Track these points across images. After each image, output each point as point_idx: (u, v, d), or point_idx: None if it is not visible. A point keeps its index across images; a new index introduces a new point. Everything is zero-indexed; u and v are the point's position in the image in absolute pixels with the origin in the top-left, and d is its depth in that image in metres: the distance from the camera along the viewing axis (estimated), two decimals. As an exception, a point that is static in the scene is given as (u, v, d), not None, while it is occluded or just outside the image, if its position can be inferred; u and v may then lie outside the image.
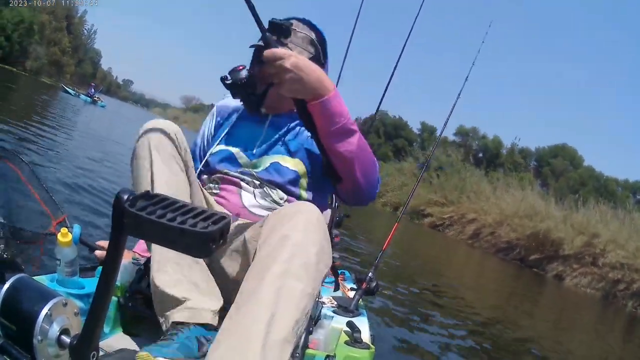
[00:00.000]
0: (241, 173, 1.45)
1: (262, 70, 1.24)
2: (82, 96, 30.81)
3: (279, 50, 1.13)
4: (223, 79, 1.25)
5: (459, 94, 3.41)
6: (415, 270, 7.39)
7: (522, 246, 18.93)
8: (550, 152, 36.64)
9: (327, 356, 1.34)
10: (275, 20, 1.32)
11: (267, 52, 1.13)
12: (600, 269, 15.59)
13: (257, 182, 1.43)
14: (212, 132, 1.62)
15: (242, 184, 1.43)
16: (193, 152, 1.61)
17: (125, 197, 0.63)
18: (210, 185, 1.48)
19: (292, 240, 0.99)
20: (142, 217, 0.62)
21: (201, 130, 1.66)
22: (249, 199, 1.42)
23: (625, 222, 17.14)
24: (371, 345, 1.51)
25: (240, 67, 1.25)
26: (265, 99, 1.29)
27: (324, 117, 1.20)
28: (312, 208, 1.08)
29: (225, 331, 0.90)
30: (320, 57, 1.48)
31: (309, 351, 1.32)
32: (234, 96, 1.28)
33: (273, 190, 1.43)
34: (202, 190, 1.37)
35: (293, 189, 1.45)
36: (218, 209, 1.39)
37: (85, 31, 63.69)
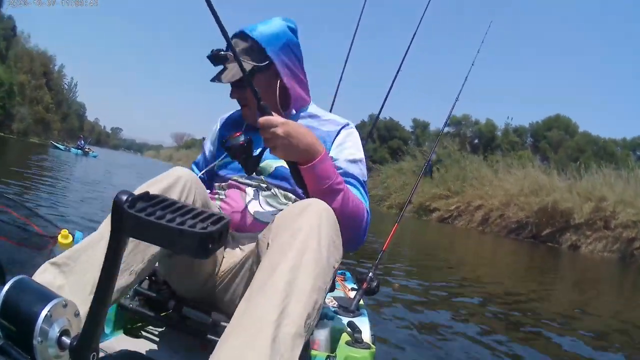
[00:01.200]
0: (247, 178, 1.49)
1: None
2: (73, 149, 31.02)
3: (273, 119, 1.19)
4: (223, 143, 1.33)
5: (458, 96, 3.44)
6: (422, 266, 7.33)
7: (533, 223, 18.87)
8: (544, 125, 36.54)
9: (328, 356, 1.36)
10: (210, 54, 1.43)
11: (262, 120, 1.19)
12: (613, 231, 15.54)
13: (264, 186, 1.47)
14: (216, 144, 1.66)
15: (247, 189, 1.47)
16: (198, 164, 1.68)
17: (125, 198, 0.64)
18: (219, 191, 1.52)
19: (303, 235, 1.01)
20: (141, 218, 0.62)
21: (206, 141, 1.72)
22: (253, 203, 1.45)
23: (629, 180, 17.11)
24: (372, 345, 1.51)
25: (238, 134, 1.31)
26: (260, 160, 1.36)
27: (313, 178, 1.26)
28: (322, 203, 1.11)
29: (235, 324, 0.90)
30: (261, 56, 1.50)
31: (309, 351, 1.35)
32: (233, 158, 1.34)
33: (280, 192, 1.46)
34: None
35: (300, 192, 1.45)
36: None
37: (65, 85, 64.14)
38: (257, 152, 1.37)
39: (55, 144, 32.94)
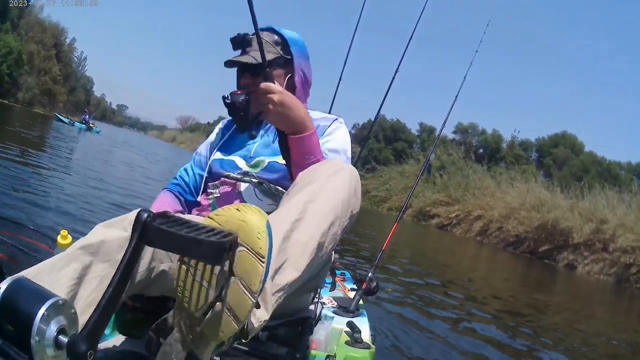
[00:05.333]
0: (240, 174, 1.50)
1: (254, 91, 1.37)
2: (77, 123, 30.71)
3: (273, 86, 1.27)
4: (224, 98, 1.40)
5: (457, 96, 3.43)
6: (420, 269, 7.35)
7: (531, 238, 18.89)
8: (550, 141, 36.55)
9: (328, 356, 1.35)
10: (234, 36, 1.51)
11: (263, 85, 1.27)
12: (611, 255, 15.51)
13: (256, 181, 1.48)
14: (216, 142, 1.69)
15: (241, 185, 1.48)
16: (199, 162, 1.68)
17: (146, 215, 0.73)
18: (212, 190, 1.53)
19: (324, 178, 1.11)
20: (163, 229, 0.71)
21: (208, 140, 1.74)
22: (248, 199, 1.45)
23: (631, 205, 17.07)
24: (371, 345, 1.53)
25: (239, 92, 1.40)
26: (255, 121, 1.47)
27: (298, 152, 1.33)
28: (339, 160, 1.22)
29: None
30: (285, 55, 1.60)
31: (309, 351, 1.32)
32: (230, 114, 1.42)
33: (272, 186, 1.47)
34: None
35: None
36: None
37: (75, 58, 63.27)
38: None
39: (59, 116, 32.54)
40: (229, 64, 1.56)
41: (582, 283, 13.49)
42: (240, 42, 1.52)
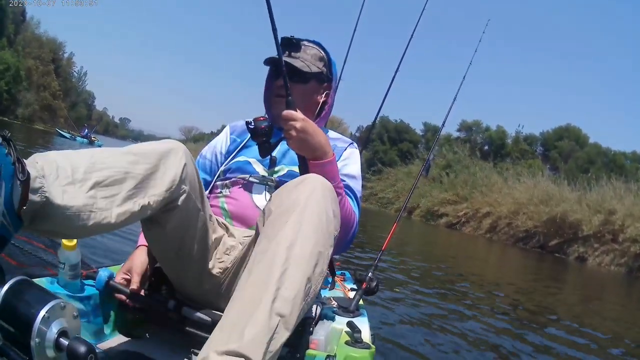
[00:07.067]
0: (255, 177, 1.53)
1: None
2: (78, 138, 30.59)
3: (295, 113, 1.28)
4: (247, 123, 1.40)
5: (455, 97, 3.39)
6: (425, 268, 7.29)
7: (541, 233, 18.77)
8: (555, 134, 36.36)
9: (328, 356, 1.34)
10: (287, 37, 1.53)
11: (285, 112, 1.28)
12: (621, 245, 15.41)
13: (272, 184, 1.50)
14: (225, 148, 1.70)
15: (254, 185, 1.50)
16: (203, 165, 1.68)
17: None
18: (222, 191, 1.54)
19: (299, 206, 1.04)
20: None
21: (212, 144, 1.74)
22: (260, 198, 1.47)
23: (639, 194, 16.96)
24: (372, 345, 1.51)
25: (262, 118, 1.39)
26: (277, 146, 1.45)
27: None
28: (318, 176, 1.15)
29: (237, 293, 0.94)
30: (327, 73, 1.66)
31: (309, 351, 1.33)
32: (253, 139, 1.40)
33: None
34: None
35: None
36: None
37: (74, 73, 62.97)
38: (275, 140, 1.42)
39: (60, 131, 32.43)
40: (270, 62, 1.58)
41: (594, 275, 13.38)
42: (288, 44, 1.55)
